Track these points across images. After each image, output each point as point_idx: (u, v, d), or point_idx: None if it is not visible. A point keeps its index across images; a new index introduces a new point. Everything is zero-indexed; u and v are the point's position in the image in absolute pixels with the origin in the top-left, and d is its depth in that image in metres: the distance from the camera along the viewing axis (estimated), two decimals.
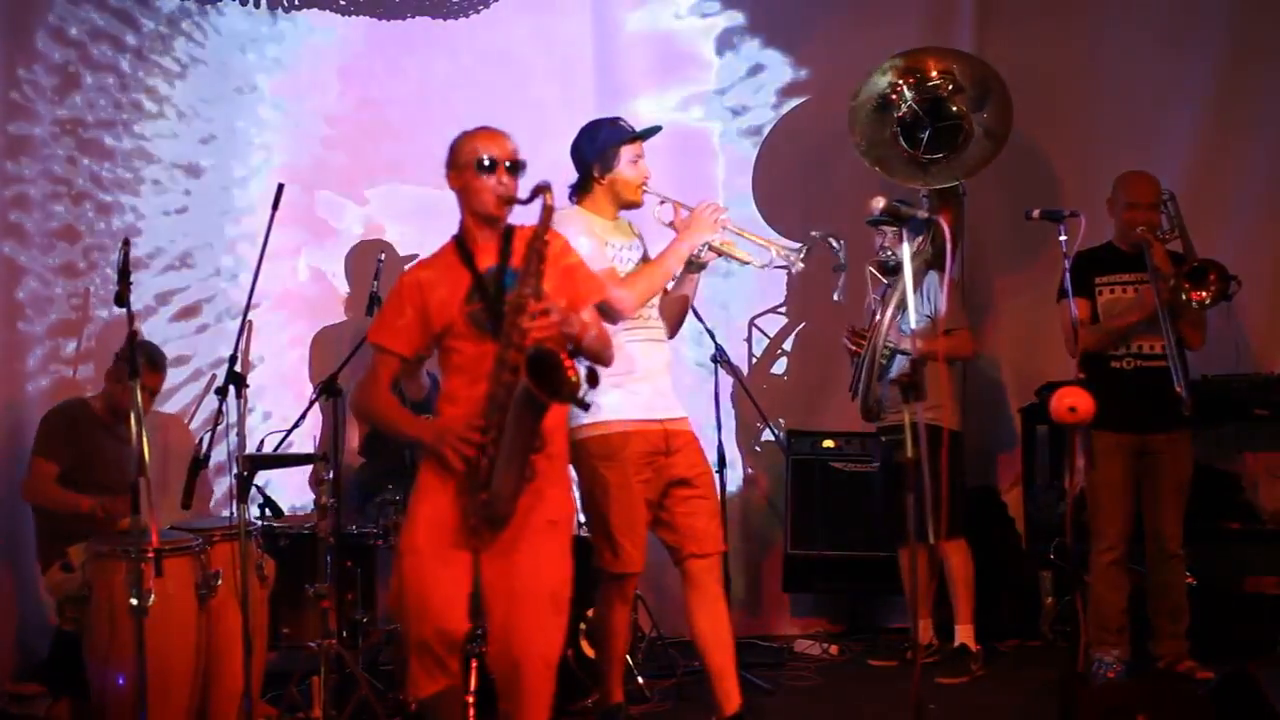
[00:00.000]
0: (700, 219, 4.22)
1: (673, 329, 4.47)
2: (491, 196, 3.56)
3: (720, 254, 4.31)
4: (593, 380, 3.37)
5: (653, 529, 4.34)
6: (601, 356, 3.68)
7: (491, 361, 3.45)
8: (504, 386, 3.40)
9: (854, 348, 5.40)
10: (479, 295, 3.55)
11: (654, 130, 4.37)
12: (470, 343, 3.56)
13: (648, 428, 4.23)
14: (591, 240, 4.17)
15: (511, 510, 3.46)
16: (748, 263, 4.35)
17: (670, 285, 4.39)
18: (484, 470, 3.42)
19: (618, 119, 4.35)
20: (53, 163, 5.59)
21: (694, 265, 4.34)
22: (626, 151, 4.26)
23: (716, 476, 5.10)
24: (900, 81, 5.72)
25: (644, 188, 4.29)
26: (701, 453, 4.40)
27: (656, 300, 4.35)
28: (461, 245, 3.64)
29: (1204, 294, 4.85)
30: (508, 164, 3.58)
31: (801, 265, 4.28)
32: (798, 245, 4.30)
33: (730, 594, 4.68)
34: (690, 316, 4.62)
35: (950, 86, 5.67)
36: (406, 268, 3.80)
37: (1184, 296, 4.85)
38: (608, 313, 4.10)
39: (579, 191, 4.35)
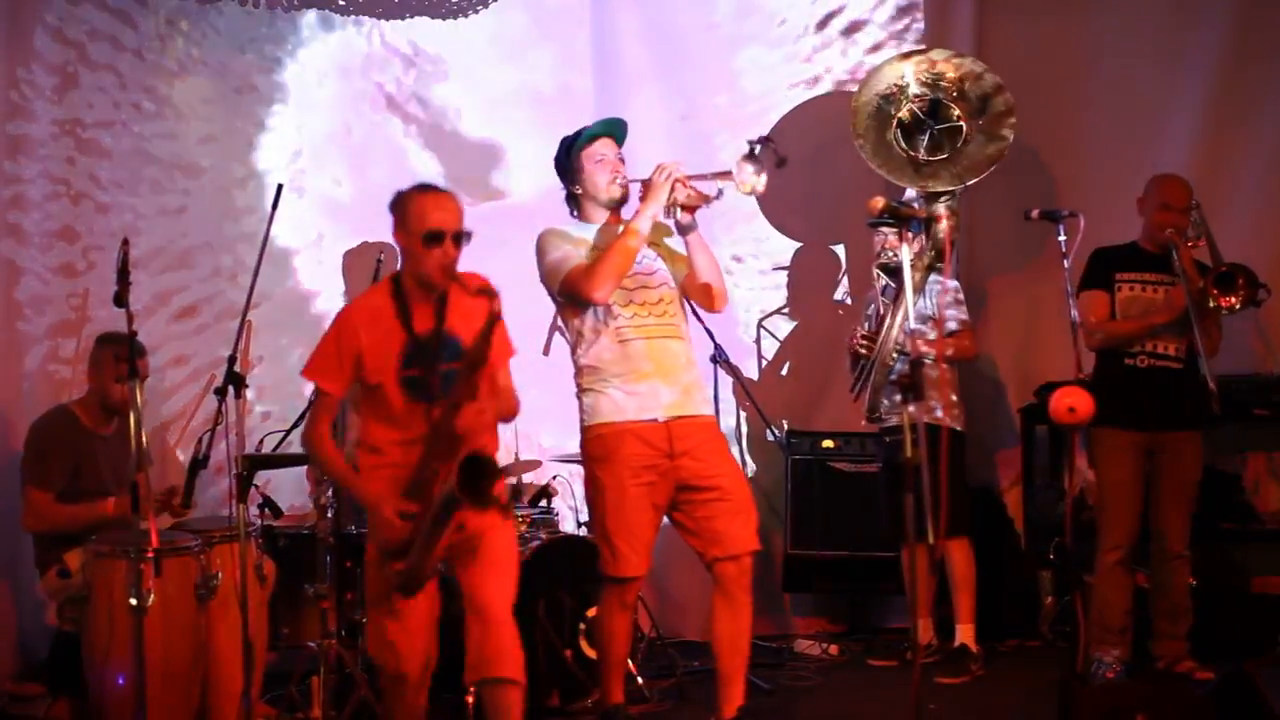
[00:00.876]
0: (653, 185, 4.17)
1: (716, 300, 4.34)
2: (435, 268, 3.63)
3: (690, 207, 4.20)
4: (515, 496, 3.61)
5: (679, 534, 4.32)
6: (509, 418, 3.87)
7: (422, 427, 3.57)
8: (431, 471, 3.51)
9: (864, 351, 5.37)
10: (416, 360, 3.64)
11: (610, 124, 4.36)
12: (402, 405, 3.65)
13: (646, 428, 4.19)
14: (570, 246, 4.20)
15: (424, 583, 3.62)
16: (716, 198, 4.22)
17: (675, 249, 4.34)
18: (403, 544, 3.55)
19: (581, 130, 4.33)
20: (51, 163, 5.59)
21: (682, 229, 4.25)
22: (587, 156, 4.28)
23: None
24: (906, 81, 5.70)
25: (616, 182, 4.28)
26: (720, 453, 4.33)
27: (670, 294, 4.30)
28: (399, 299, 3.70)
29: (1233, 299, 4.85)
30: (454, 236, 3.64)
31: (759, 181, 4.13)
32: (751, 166, 4.15)
33: None
34: (690, 316, 4.54)
35: (955, 92, 5.65)
36: (343, 307, 3.94)
37: (1212, 302, 4.84)
38: (588, 303, 4.15)
39: (571, 204, 4.39)
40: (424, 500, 3.52)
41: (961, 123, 5.60)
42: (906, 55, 5.84)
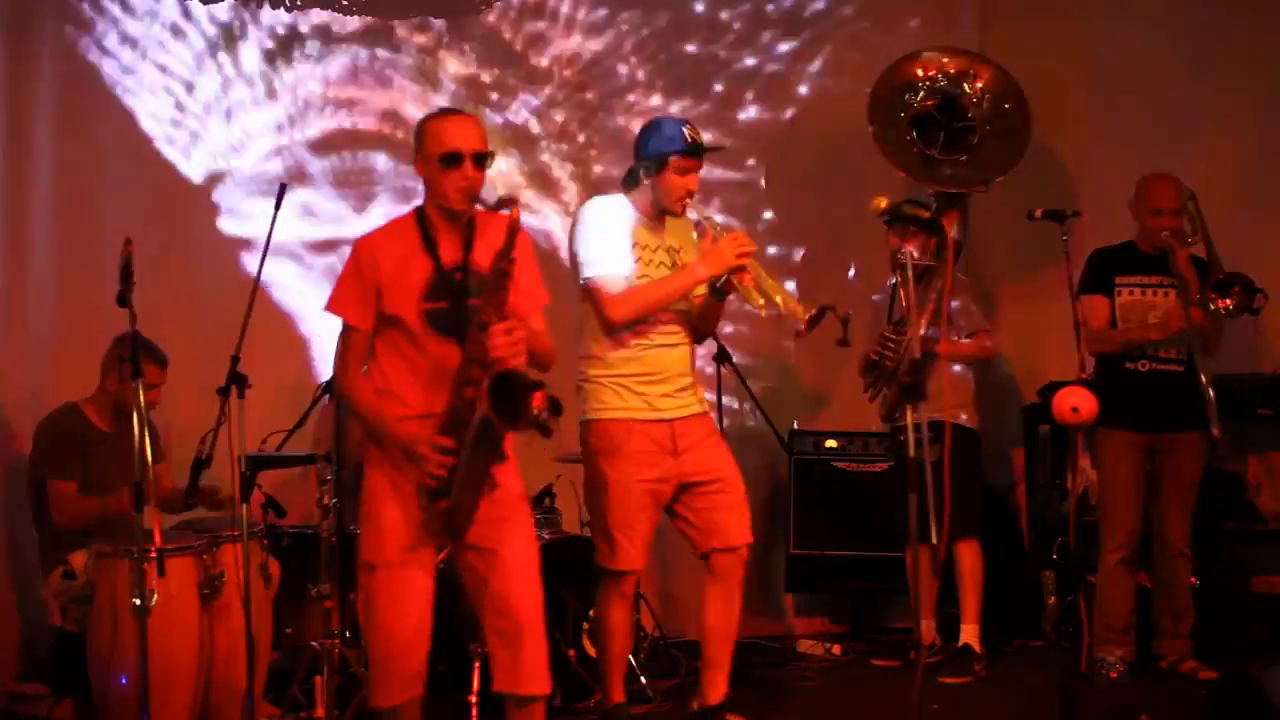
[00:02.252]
0: (721, 250, 4.15)
1: (700, 339, 4.44)
2: (456, 192, 3.47)
3: (733, 289, 4.21)
4: (556, 409, 3.29)
5: (678, 529, 4.35)
6: (545, 365, 3.64)
7: (449, 367, 3.40)
8: (465, 401, 3.36)
9: (889, 353, 5.34)
10: (442, 293, 3.48)
11: (714, 148, 4.38)
12: (425, 342, 3.48)
13: (652, 425, 4.22)
14: (618, 235, 4.18)
15: (469, 523, 3.45)
16: (758, 306, 4.18)
17: (702, 291, 4.31)
18: (444, 481, 3.40)
19: (684, 123, 4.30)
20: (54, 162, 5.58)
21: (717, 292, 4.26)
22: (677, 162, 4.21)
23: None
24: (922, 77, 5.68)
25: (685, 202, 4.26)
26: (718, 447, 4.38)
27: (682, 303, 4.30)
28: (423, 229, 3.54)
29: (1228, 301, 4.84)
30: (474, 155, 3.48)
31: (802, 331, 4.19)
32: (809, 312, 4.20)
33: None
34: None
35: (970, 91, 5.64)
36: (360, 236, 3.69)
37: (1210, 305, 4.84)
38: (599, 315, 4.11)
39: (629, 182, 4.35)
40: (460, 435, 3.37)
41: (974, 122, 5.59)
42: (923, 51, 5.81)
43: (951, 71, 5.66)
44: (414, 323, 3.47)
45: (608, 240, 4.20)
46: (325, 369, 4.90)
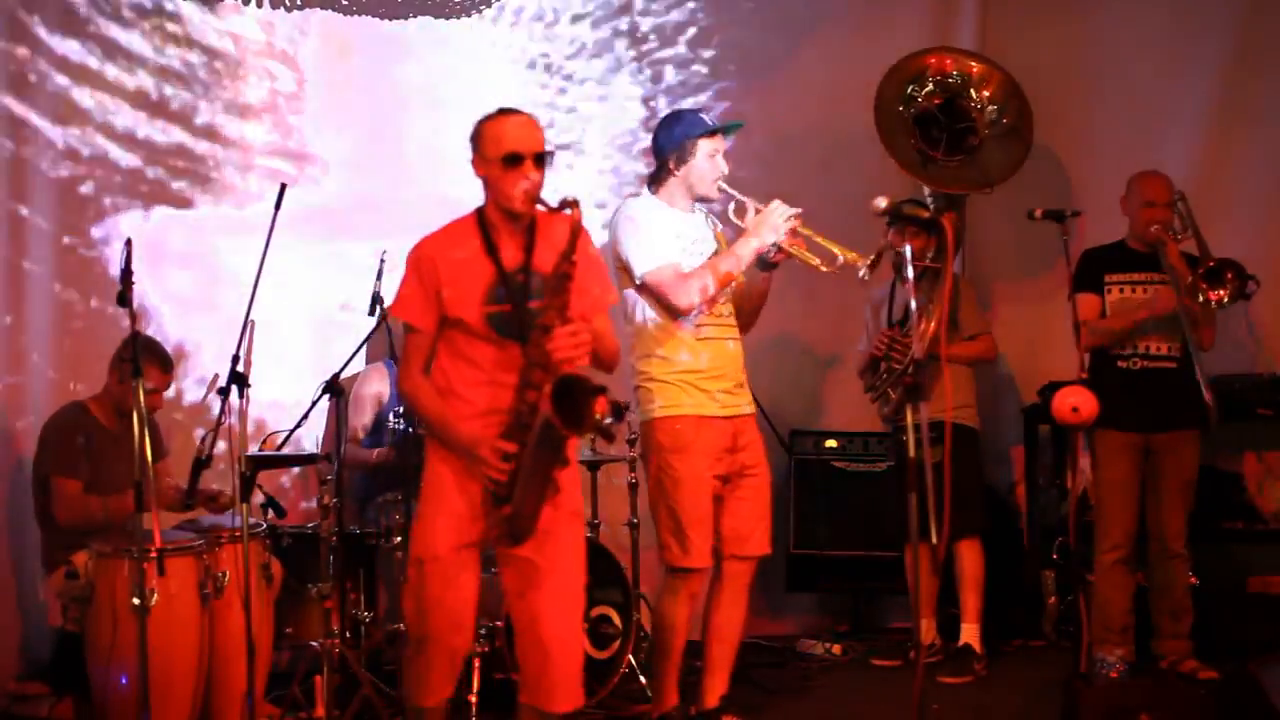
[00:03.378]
0: (769, 219, 4.18)
1: (745, 326, 4.45)
2: (518, 193, 3.42)
3: (789, 256, 4.24)
4: (619, 413, 3.25)
5: None
6: (610, 367, 3.64)
7: (512, 368, 3.38)
8: (527, 405, 3.33)
9: (895, 355, 5.32)
10: (504, 296, 3.44)
11: (735, 126, 4.37)
12: (487, 345, 3.46)
13: (718, 422, 4.25)
14: (659, 229, 4.19)
15: (532, 528, 3.41)
16: (816, 266, 4.22)
17: (743, 279, 4.35)
18: (506, 486, 3.37)
19: (700, 110, 4.32)
20: (55, 161, 5.58)
21: (765, 265, 4.28)
22: (705, 145, 4.24)
23: None
24: (926, 78, 5.67)
25: (719, 183, 4.27)
26: (763, 452, 4.43)
27: (725, 298, 4.32)
28: (485, 231, 3.51)
29: (1221, 292, 4.84)
30: (535, 156, 3.44)
31: (868, 273, 4.21)
32: (869, 258, 4.21)
33: None
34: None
35: (972, 92, 5.64)
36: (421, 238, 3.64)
37: (1201, 297, 4.84)
38: (668, 309, 4.10)
39: (654, 181, 4.35)
40: (522, 439, 3.33)
41: (976, 125, 5.59)
42: (928, 51, 5.81)
43: (956, 72, 5.65)
44: (476, 325, 3.45)
45: (652, 234, 4.21)
46: (325, 369, 4.89)
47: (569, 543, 3.56)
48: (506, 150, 3.42)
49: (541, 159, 3.45)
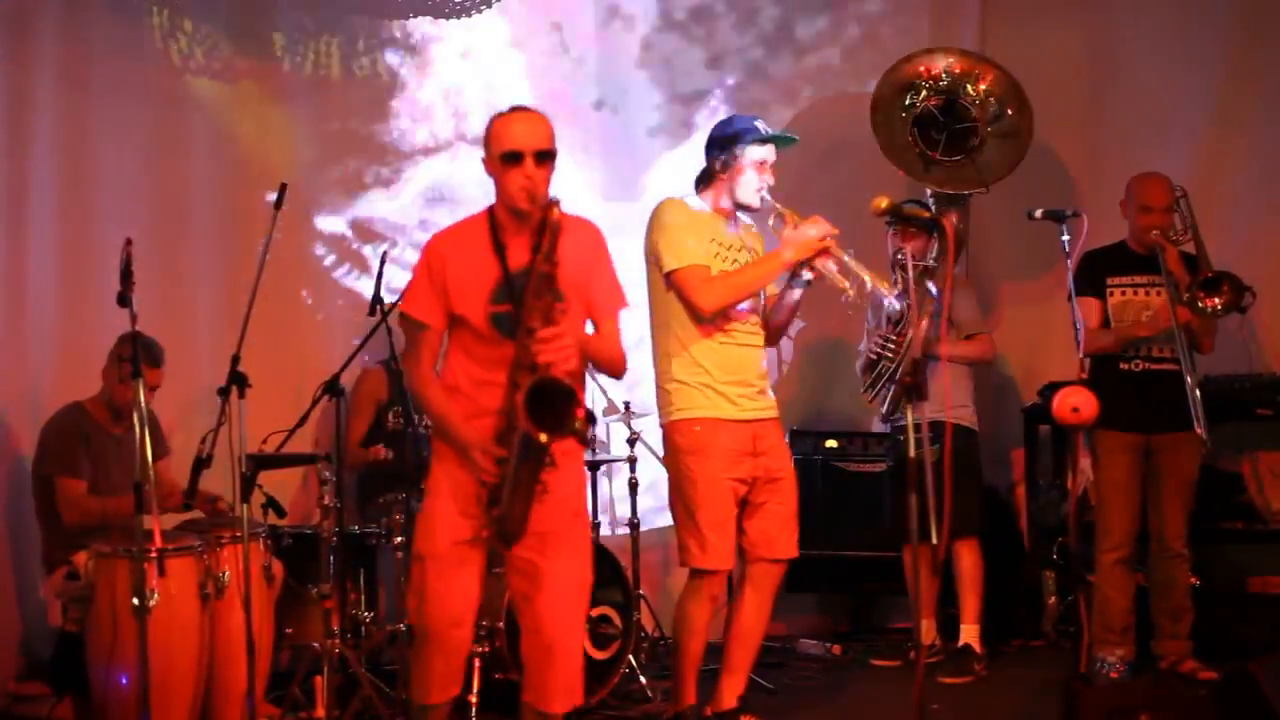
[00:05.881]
0: (805, 237, 4.15)
1: (773, 337, 4.43)
2: (519, 191, 3.41)
3: (819, 275, 4.21)
4: (590, 418, 3.26)
5: None
6: (615, 371, 3.62)
7: (509, 366, 3.37)
8: (515, 406, 3.32)
9: (889, 353, 5.33)
10: (508, 295, 3.43)
11: (788, 139, 4.37)
12: (491, 344, 3.46)
13: (736, 425, 4.23)
14: (695, 229, 4.18)
15: (522, 530, 3.41)
16: (844, 290, 4.18)
17: (774, 290, 4.34)
18: (497, 488, 3.38)
19: (755, 118, 4.31)
20: (55, 163, 5.58)
21: (797, 281, 4.26)
22: (753, 152, 4.23)
23: None
24: (925, 78, 5.67)
25: (761, 193, 4.25)
26: (788, 455, 4.43)
27: (755, 305, 4.31)
28: (494, 231, 3.51)
29: (1215, 300, 4.84)
30: (536, 154, 3.42)
31: (896, 305, 4.22)
32: (897, 288, 4.25)
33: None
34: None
35: (971, 92, 5.63)
36: (433, 234, 3.65)
37: (1198, 304, 4.84)
38: (692, 309, 4.11)
39: (701, 182, 4.35)
40: (511, 442, 3.33)
41: (976, 124, 5.59)
42: (927, 52, 5.81)
43: (956, 72, 5.66)
44: (480, 324, 3.46)
45: (687, 233, 4.20)
46: (325, 369, 4.89)
47: (571, 544, 3.56)
48: (507, 147, 3.42)
49: (543, 157, 3.43)
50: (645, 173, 6.43)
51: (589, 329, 3.57)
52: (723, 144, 4.27)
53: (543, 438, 3.22)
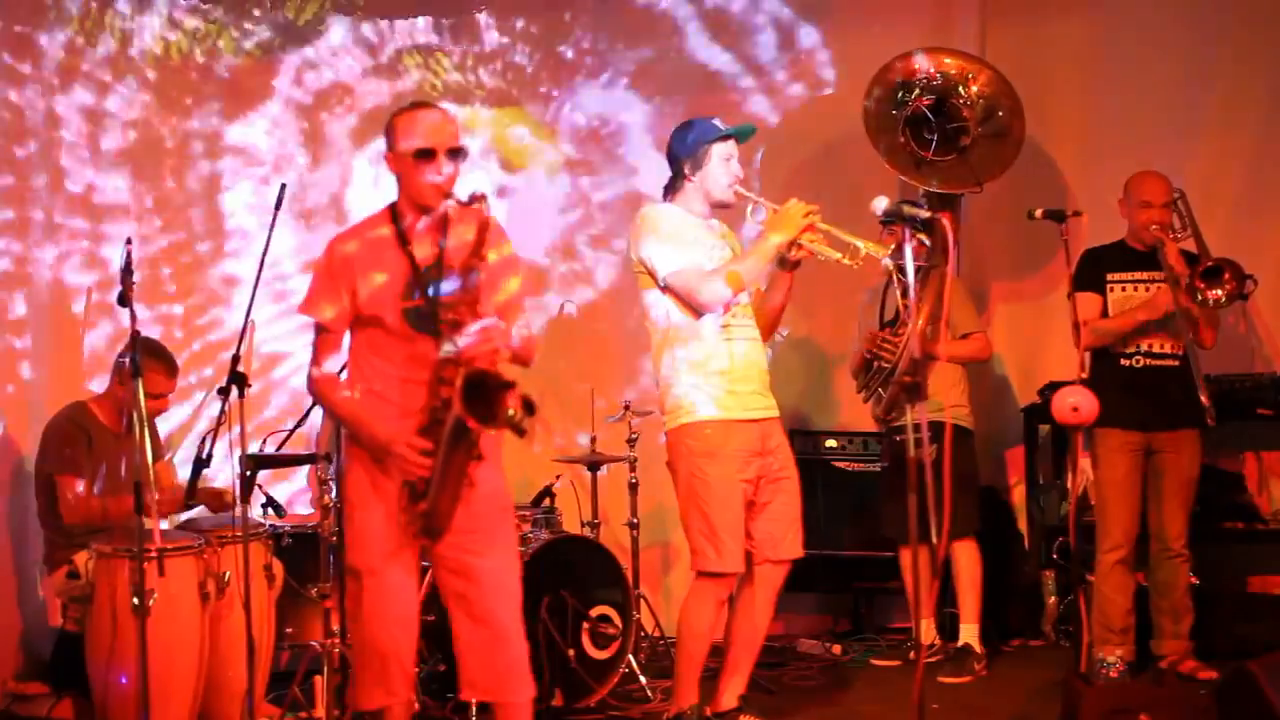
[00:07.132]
0: (787, 216, 4.17)
1: (766, 332, 4.43)
2: (429, 188, 3.42)
3: (810, 253, 4.23)
4: (530, 409, 3.22)
5: None
6: (526, 361, 3.60)
7: (427, 364, 3.36)
8: (441, 401, 3.32)
9: (884, 355, 5.32)
10: (419, 290, 3.43)
11: (749, 130, 4.38)
12: (403, 341, 3.44)
13: (746, 426, 4.23)
14: (681, 231, 4.19)
15: (448, 524, 3.41)
16: (838, 260, 4.19)
17: (762, 287, 4.35)
18: (421, 482, 3.38)
19: (712, 118, 4.32)
20: (55, 162, 5.58)
21: (785, 264, 4.27)
22: (718, 150, 4.25)
23: None
24: (918, 77, 5.67)
25: (735, 188, 4.28)
26: (791, 454, 4.42)
27: (747, 300, 4.31)
28: (397, 226, 3.50)
29: (1219, 292, 4.85)
30: (448, 151, 3.44)
31: (891, 262, 4.20)
32: (890, 248, 4.21)
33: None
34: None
35: (964, 92, 5.63)
36: (334, 235, 3.62)
37: (1199, 296, 4.84)
38: (693, 308, 4.13)
39: (670, 190, 4.36)
40: (437, 435, 3.32)
41: (968, 124, 5.59)
42: (920, 51, 5.81)
43: (948, 72, 5.66)
44: (393, 321, 3.44)
45: (674, 236, 4.21)
46: None
47: (503, 539, 3.58)
48: (419, 144, 3.43)
49: (455, 154, 3.45)
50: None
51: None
52: (688, 147, 4.27)
53: (477, 426, 3.21)
